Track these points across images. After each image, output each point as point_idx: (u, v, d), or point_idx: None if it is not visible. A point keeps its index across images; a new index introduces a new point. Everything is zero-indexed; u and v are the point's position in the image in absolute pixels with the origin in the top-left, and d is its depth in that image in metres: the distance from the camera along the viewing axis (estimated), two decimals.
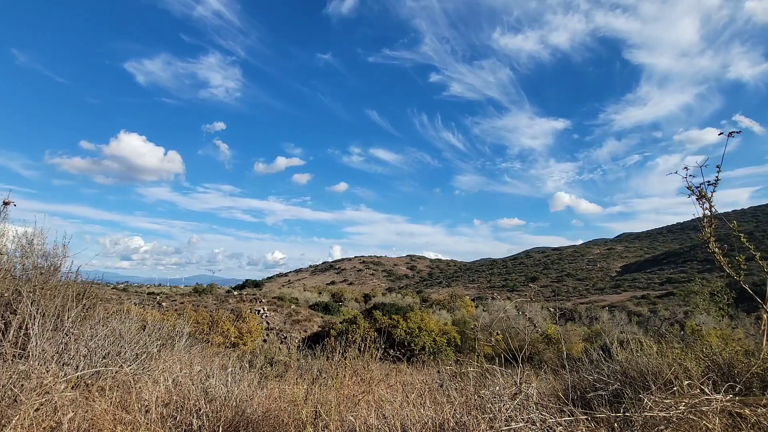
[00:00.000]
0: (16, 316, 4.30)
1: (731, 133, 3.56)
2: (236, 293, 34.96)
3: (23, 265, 5.45)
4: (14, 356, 3.90)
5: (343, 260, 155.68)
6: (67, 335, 4.21)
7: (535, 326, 15.70)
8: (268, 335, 23.79)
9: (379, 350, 5.60)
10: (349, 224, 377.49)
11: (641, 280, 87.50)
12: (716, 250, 3.35)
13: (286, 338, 23.91)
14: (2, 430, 2.88)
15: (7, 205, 5.37)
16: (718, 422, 2.38)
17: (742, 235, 3.36)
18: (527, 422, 2.75)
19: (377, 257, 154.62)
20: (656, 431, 2.50)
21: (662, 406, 2.59)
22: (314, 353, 8.88)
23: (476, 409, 3.09)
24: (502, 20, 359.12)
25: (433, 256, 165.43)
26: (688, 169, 3.57)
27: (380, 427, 3.29)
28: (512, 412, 2.88)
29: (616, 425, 2.67)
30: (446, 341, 21.21)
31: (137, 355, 4.78)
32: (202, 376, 4.19)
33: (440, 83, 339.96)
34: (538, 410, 2.85)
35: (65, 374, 3.67)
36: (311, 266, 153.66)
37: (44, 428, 3.02)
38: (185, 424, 3.48)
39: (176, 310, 23.16)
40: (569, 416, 2.76)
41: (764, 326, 3.53)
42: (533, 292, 5.37)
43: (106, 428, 3.14)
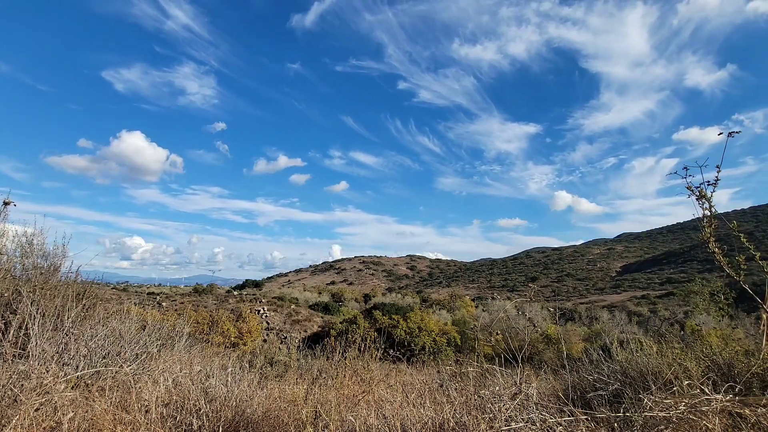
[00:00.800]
0: (16, 316, 4.29)
1: (731, 132, 3.56)
2: (236, 293, 34.97)
3: (23, 265, 5.45)
4: (14, 356, 3.90)
5: (343, 260, 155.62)
6: (67, 335, 4.21)
7: (535, 326, 15.69)
8: (268, 335, 23.79)
9: (379, 350, 5.59)
10: (339, 225, 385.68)
11: (641, 280, 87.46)
12: (716, 250, 3.35)
13: (286, 338, 23.91)
14: (2, 430, 2.88)
15: (7, 205, 5.37)
16: (718, 422, 2.38)
17: (742, 235, 3.35)
18: (527, 422, 2.75)
19: (377, 257, 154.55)
20: (656, 431, 2.50)
21: (662, 406, 2.59)
22: (314, 353, 8.89)
23: (476, 409, 3.08)
24: (458, 32, 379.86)
25: (432, 256, 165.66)
26: (687, 169, 3.57)
27: (380, 427, 3.29)
28: (512, 412, 2.88)
29: (616, 425, 2.67)
30: (446, 341, 21.20)
31: (137, 355, 4.77)
32: (202, 376, 4.19)
33: (409, 90, 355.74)
34: (538, 410, 2.85)
35: (65, 374, 3.67)
36: (311, 266, 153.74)
37: (44, 428, 3.02)
38: (185, 424, 3.48)
39: (176, 310, 23.16)
40: (569, 416, 2.76)
41: (764, 326, 3.53)
42: (533, 292, 5.37)
43: (106, 428, 3.14)
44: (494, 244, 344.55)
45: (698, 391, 2.76)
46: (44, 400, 3.19)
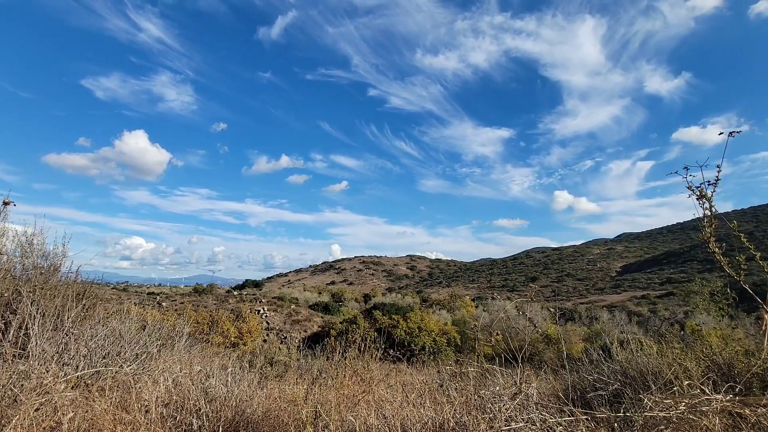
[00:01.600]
0: (16, 316, 4.30)
1: (731, 132, 3.56)
2: (236, 293, 34.96)
3: (23, 265, 5.44)
4: (14, 356, 3.90)
5: (343, 260, 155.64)
6: (67, 335, 4.21)
7: (535, 326, 15.69)
8: (268, 335, 23.78)
9: (379, 350, 5.59)
10: (330, 225, 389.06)
11: (641, 280, 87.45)
12: (716, 250, 3.35)
13: (286, 338, 23.91)
14: (2, 430, 2.88)
15: (7, 205, 5.37)
16: (718, 422, 2.38)
17: (742, 235, 3.35)
18: (527, 422, 2.75)
19: (377, 257, 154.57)
20: (656, 431, 2.50)
21: (662, 406, 2.58)
22: (314, 353, 8.89)
23: (476, 409, 3.08)
24: (419, 43, 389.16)
25: (432, 256, 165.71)
26: (688, 169, 3.57)
27: (380, 427, 3.29)
28: (512, 412, 2.88)
29: (616, 425, 2.67)
30: (446, 341, 21.19)
31: (137, 355, 4.77)
32: (202, 376, 4.19)
33: (379, 97, 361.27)
34: (538, 410, 2.85)
35: (65, 374, 3.67)
36: (311, 266, 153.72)
37: (44, 428, 3.02)
38: (185, 424, 3.48)
39: (176, 310, 23.16)
40: (569, 416, 2.76)
41: (764, 326, 3.53)
42: (533, 292, 5.36)
43: (106, 428, 3.14)
44: (486, 244, 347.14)
45: (698, 391, 2.76)
46: (44, 400, 3.19)
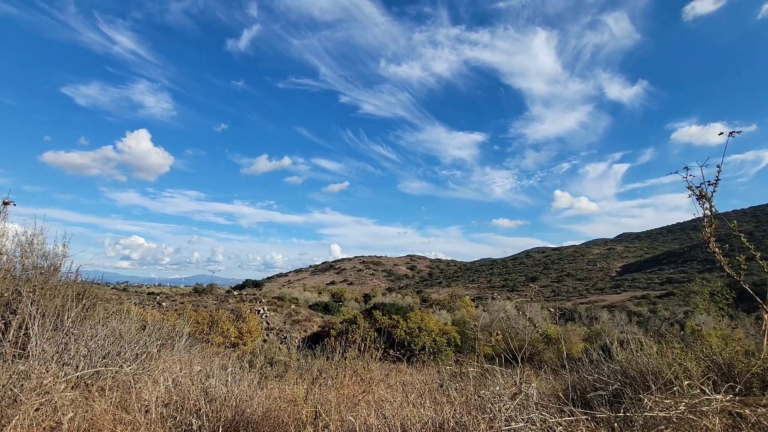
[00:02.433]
0: (16, 316, 4.30)
1: (732, 132, 3.56)
2: (236, 293, 34.96)
3: (23, 265, 5.44)
4: (14, 356, 3.89)
5: (343, 260, 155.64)
6: (67, 335, 4.20)
7: (535, 326, 15.69)
8: (268, 335, 23.78)
9: (379, 350, 5.60)
10: (320, 226, 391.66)
11: (641, 280, 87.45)
12: (716, 250, 3.35)
13: (286, 338, 23.91)
14: (2, 430, 2.88)
15: (6, 204, 5.37)
16: (718, 422, 2.38)
17: (742, 235, 3.35)
18: (527, 422, 2.75)
19: (377, 257, 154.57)
20: (656, 431, 2.50)
21: (662, 406, 2.58)
22: (314, 353, 8.88)
23: (476, 409, 3.08)
24: (381, 54, 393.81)
25: (432, 256, 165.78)
26: (688, 169, 3.57)
27: (380, 427, 3.29)
28: (512, 412, 2.88)
29: (616, 425, 2.67)
30: (446, 341, 21.19)
31: (137, 355, 4.77)
32: (202, 376, 4.19)
33: (351, 104, 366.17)
34: (538, 410, 2.85)
35: (65, 374, 3.67)
36: (311, 266, 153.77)
37: (44, 428, 3.02)
38: (185, 424, 3.48)
39: (176, 310, 23.15)
40: (569, 416, 2.76)
41: (764, 326, 3.53)
42: (533, 292, 5.36)
43: (106, 428, 3.14)
44: (478, 244, 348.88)
45: (698, 391, 2.76)
46: (44, 400, 3.19)
